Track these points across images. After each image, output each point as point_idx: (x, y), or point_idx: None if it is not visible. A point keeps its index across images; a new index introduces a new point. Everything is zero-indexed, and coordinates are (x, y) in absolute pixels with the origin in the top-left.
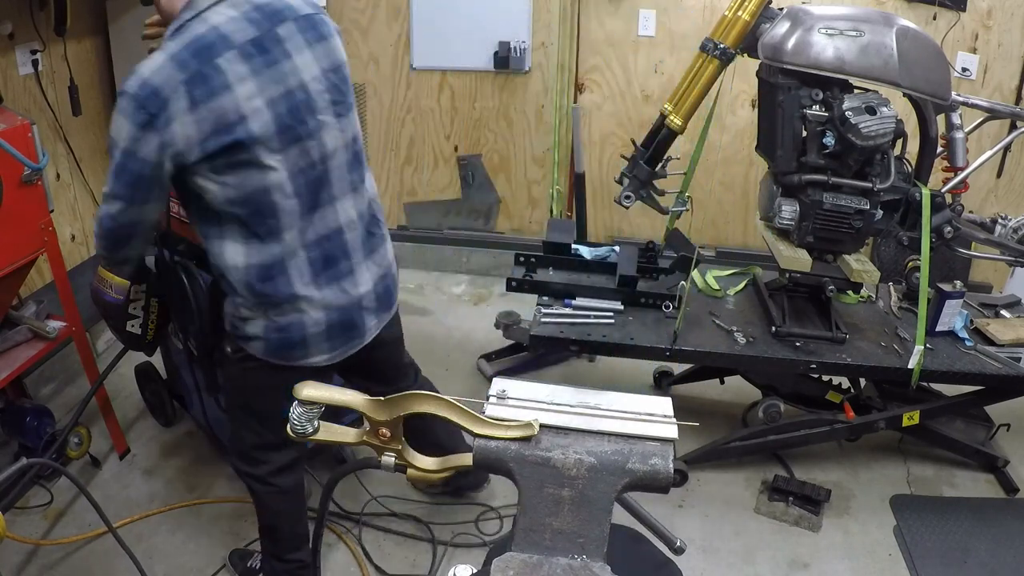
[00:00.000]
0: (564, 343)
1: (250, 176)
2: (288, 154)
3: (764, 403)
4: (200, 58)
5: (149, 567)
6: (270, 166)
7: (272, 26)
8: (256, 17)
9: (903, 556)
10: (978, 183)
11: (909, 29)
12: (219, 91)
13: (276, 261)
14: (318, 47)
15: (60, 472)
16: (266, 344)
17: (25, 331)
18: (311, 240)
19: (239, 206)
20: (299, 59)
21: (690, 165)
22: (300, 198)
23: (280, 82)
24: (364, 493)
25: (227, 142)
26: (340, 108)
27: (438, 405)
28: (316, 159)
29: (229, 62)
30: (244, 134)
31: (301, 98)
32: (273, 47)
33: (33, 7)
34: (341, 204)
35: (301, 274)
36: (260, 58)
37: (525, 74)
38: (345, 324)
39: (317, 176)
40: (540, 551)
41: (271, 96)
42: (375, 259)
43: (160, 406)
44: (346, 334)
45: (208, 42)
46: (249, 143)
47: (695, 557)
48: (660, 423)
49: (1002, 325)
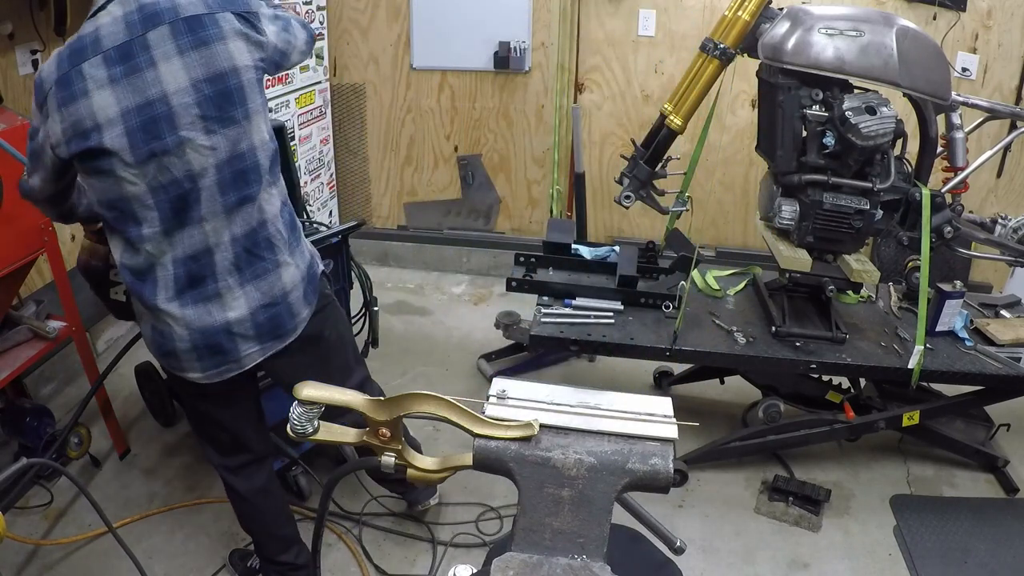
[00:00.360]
0: (564, 343)
1: (109, 185)
2: (145, 169)
3: (764, 403)
4: (72, 60)
5: (149, 567)
6: (126, 179)
7: (144, 31)
8: (134, 20)
9: (903, 556)
10: (978, 183)
11: (909, 29)
12: (78, 96)
13: (143, 268)
14: (193, 54)
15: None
16: (151, 345)
17: (25, 331)
18: (178, 256)
19: (106, 209)
20: (164, 68)
21: (690, 165)
22: (161, 213)
23: (138, 93)
24: (364, 493)
25: (84, 147)
26: (213, 124)
27: (438, 405)
28: (179, 176)
29: (93, 67)
30: (97, 143)
31: (161, 111)
32: (139, 54)
33: (33, 7)
34: (212, 224)
35: (166, 288)
36: (121, 66)
37: (525, 74)
38: (211, 347)
39: (181, 194)
40: (540, 551)
41: (126, 107)
42: (258, 285)
43: (160, 406)
44: (214, 358)
45: (82, 45)
46: (104, 153)
47: (695, 557)
48: (660, 423)
49: (1002, 325)
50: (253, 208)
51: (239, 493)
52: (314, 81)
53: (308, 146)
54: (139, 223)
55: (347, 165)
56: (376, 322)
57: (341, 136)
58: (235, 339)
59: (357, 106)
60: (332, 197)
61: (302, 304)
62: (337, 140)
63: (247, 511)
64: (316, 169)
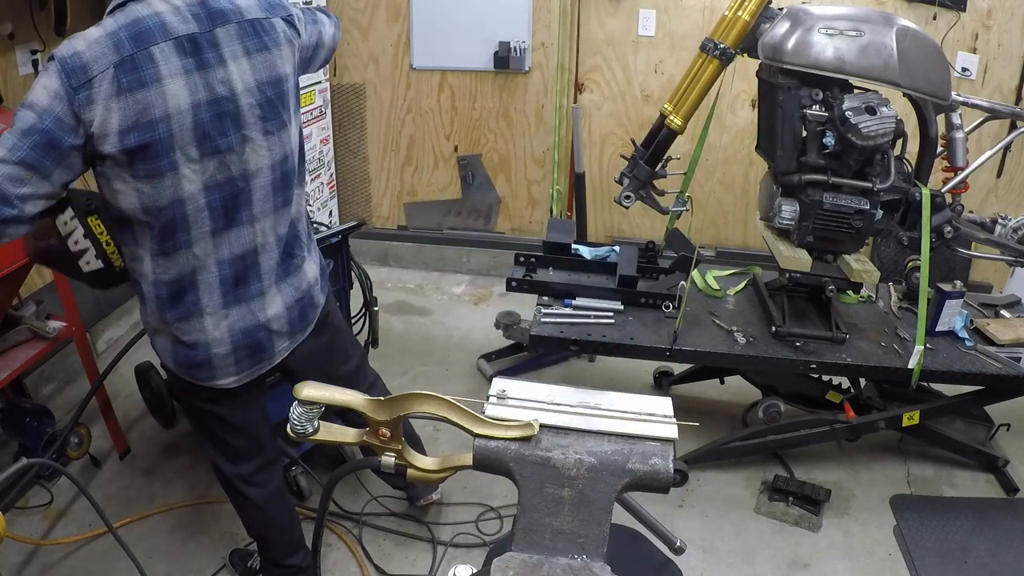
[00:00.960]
0: (564, 343)
1: (164, 184)
2: (205, 165)
3: (764, 403)
4: (137, 42)
5: (149, 567)
6: (185, 175)
7: (212, 27)
8: (198, 13)
9: (903, 556)
10: (978, 183)
11: (909, 29)
12: (149, 82)
13: (185, 275)
14: (257, 57)
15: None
16: (175, 360)
17: (25, 331)
18: (224, 258)
19: (152, 215)
20: (233, 67)
21: (690, 165)
22: (213, 214)
23: (209, 88)
24: (364, 493)
25: (146, 139)
26: (271, 126)
27: (438, 405)
28: (236, 175)
29: (164, 53)
30: (165, 134)
31: (229, 108)
32: (208, 49)
33: (33, 7)
34: (260, 225)
35: (211, 292)
36: (193, 58)
37: (525, 74)
38: (251, 346)
39: (234, 193)
40: (540, 551)
41: (197, 100)
42: (290, 281)
43: (160, 406)
44: (252, 357)
45: (147, 27)
46: (168, 146)
47: (695, 557)
48: (660, 423)
49: (1002, 325)
50: (291, 208)
51: (254, 502)
52: (314, 81)
53: (308, 146)
54: (187, 226)
55: (347, 165)
56: (376, 322)
57: (341, 136)
58: (272, 336)
59: (357, 106)
60: (332, 197)
61: (320, 295)
62: (337, 140)
63: (262, 518)
64: (316, 169)
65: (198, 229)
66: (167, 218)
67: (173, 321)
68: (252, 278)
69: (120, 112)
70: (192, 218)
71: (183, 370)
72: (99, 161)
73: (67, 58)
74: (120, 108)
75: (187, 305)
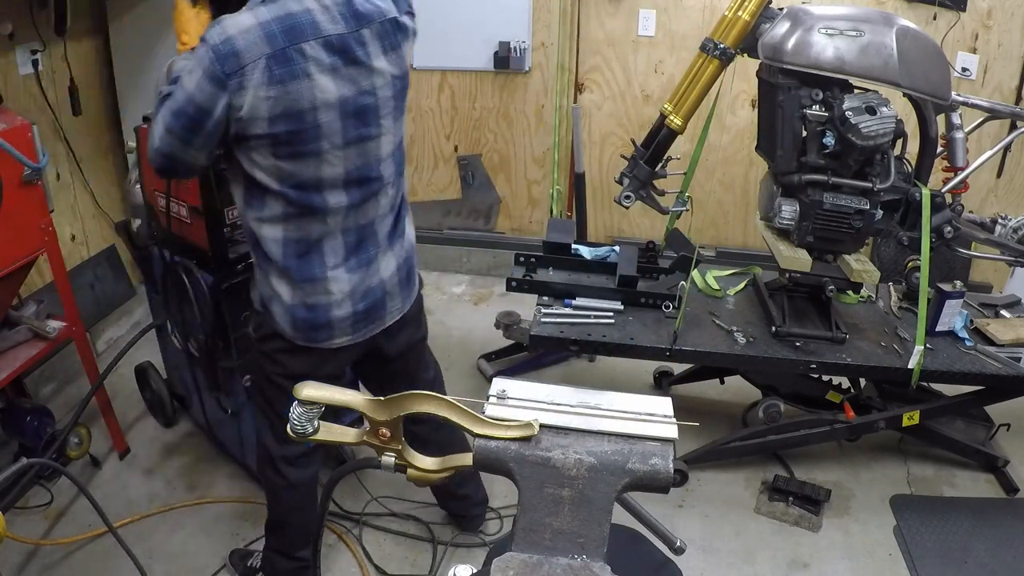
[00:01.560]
0: (564, 343)
1: (307, 165)
2: (348, 152)
3: (764, 403)
4: (290, 36)
5: (149, 567)
6: (328, 160)
7: (359, 27)
8: (346, 14)
9: (903, 556)
10: (978, 183)
11: (909, 29)
12: (299, 76)
13: (313, 241)
14: (392, 55)
15: (60, 472)
16: (292, 321)
17: (25, 331)
18: (350, 227)
19: (289, 187)
20: (376, 64)
21: (690, 165)
22: (349, 193)
23: (354, 83)
24: (364, 493)
25: (294, 128)
26: (397, 113)
27: (438, 405)
28: (372, 160)
29: (314, 50)
30: (312, 124)
31: (370, 102)
32: (356, 48)
33: (33, 7)
34: (382, 199)
35: (334, 254)
36: (341, 56)
37: (525, 74)
38: (368, 306)
39: (368, 176)
40: (540, 551)
41: (344, 95)
42: (398, 244)
43: (160, 406)
44: (368, 316)
45: (300, 23)
46: (315, 135)
47: (695, 557)
48: (660, 423)
49: (1002, 325)
50: (402, 180)
51: (290, 482)
52: None
53: None
54: (324, 201)
55: None
56: None
57: None
58: (386, 297)
59: None
60: None
61: (415, 263)
62: None
63: (292, 502)
64: None
65: (333, 204)
66: (305, 192)
67: (299, 282)
68: (370, 244)
69: (270, 101)
70: (328, 195)
71: (301, 333)
72: (244, 140)
73: (219, 44)
74: (270, 97)
75: (312, 268)
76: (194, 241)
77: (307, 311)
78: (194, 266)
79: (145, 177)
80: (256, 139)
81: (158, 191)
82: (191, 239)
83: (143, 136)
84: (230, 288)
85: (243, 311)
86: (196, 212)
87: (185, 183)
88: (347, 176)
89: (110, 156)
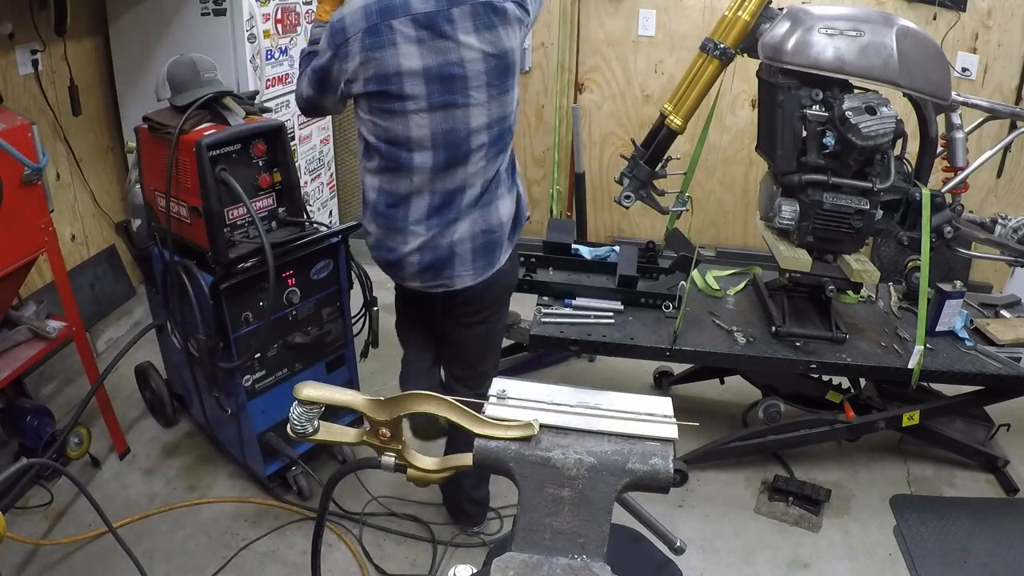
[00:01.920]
0: (564, 343)
1: (395, 123)
2: (434, 116)
3: (764, 403)
4: (382, 14)
5: (149, 567)
6: (414, 120)
7: (449, 6)
8: None
9: (903, 556)
10: (978, 183)
11: (909, 29)
12: (385, 46)
13: (402, 195)
14: (487, 34)
15: (60, 472)
16: (377, 254)
17: (25, 331)
18: (437, 189)
19: (383, 143)
20: (464, 39)
21: (690, 165)
22: (435, 156)
23: (440, 54)
24: (364, 493)
25: (381, 88)
26: (494, 91)
27: (438, 405)
28: (459, 128)
29: (402, 24)
30: (396, 86)
31: (457, 72)
32: (443, 24)
33: (33, 7)
34: (472, 169)
35: (419, 211)
36: (428, 30)
37: (525, 74)
38: (435, 263)
39: (457, 143)
40: (540, 551)
41: (428, 64)
42: (481, 214)
43: (160, 406)
44: (435, 271)
45: (391, 4)
46: (398, 95)
47: (695, 557)
48: (660, 423)
49: (1002, 325)
50: (503, 157)
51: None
52: None
53: (308, 146)
54: (411, 158)
55: (347, 165)
56: (376, 322)
57: (341, 136)
58: (454, 259)
59: None
60: (332, 197)
61: (506, 240)
62: (337, 140)
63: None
64: (316, 169)
65: (420, 163)
66: (395, 148)
67: (383, 225)
68: (452, 208)
69: (363, 65)
70: (416, 154)
71: (382, 264)
72: (352, 97)
73: (335, 23)
74: (363, 62)
75: (397, 219)
76: (194, 241)
77: (386, 251)
78: (194, 266)
79: (145, 177)
80: (359, 96)
81: (158, 191)
82: (191, 239)
83: (143, 136)
84: (230, 288)
85: (243, 311)
86: (196, 212)
87: (185, 183)
88: (433, 139)
89: (110, 156)
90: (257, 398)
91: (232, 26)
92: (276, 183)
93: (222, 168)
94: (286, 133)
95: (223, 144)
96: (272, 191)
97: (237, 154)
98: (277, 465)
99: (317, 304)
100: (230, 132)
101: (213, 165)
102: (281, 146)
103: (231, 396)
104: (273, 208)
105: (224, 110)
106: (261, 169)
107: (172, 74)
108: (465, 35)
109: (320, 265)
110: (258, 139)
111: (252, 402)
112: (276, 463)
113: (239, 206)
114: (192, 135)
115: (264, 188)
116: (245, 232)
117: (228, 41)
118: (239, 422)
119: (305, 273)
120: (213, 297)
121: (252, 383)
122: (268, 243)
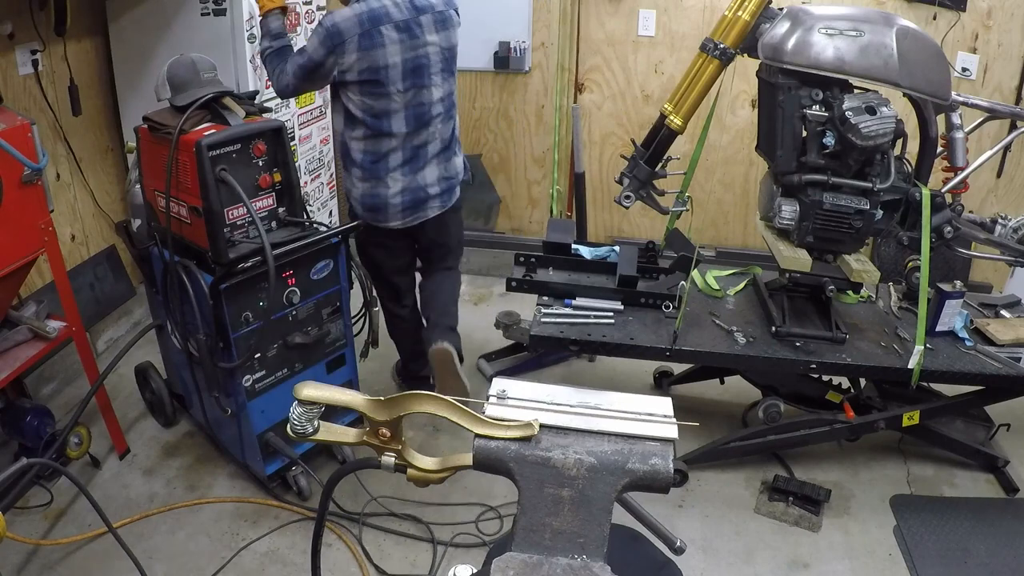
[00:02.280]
0: (564, 343)
1: (380, 100)
2: (407, 94)
3: (764, 403)
4: (372, 22)
5: (149, 567)
6: (394, 99)
7: (418, 15)
8: (408, 6)
9: (903, 556)
10: (978, 183)
11: (909, 29)
12: (377, 46)
13: (382, 152)
14: (442, 34)
15: (60, 472)
16: (363, 206)
17: (25, 331)
18: (408, 145)
19: (370, 116)
20: (429, 38)
21: (690, 165)
22: (407, 122)
23: (414, 50)
24: (364, 493)
25: (373, 77)
26: (446, 74)
27: (438, 405)
28: (424, 101)
29: (388, 29)
30: (384, 76)
31: (424, 62)
32: (415, 28)
33: (33, 7)
34: (431, 130)
35: (396, 162)
36: (405, 32)
37: (525, 74)
38: (414, 202)
39: (422, 112)
40: (540, 551)
41: (405, 57)
42: (444, 165)
43: (160, 406)
44: (413, 208)
45: (378, 14)
46: (385, 81)
47: (695, 557)
48: (660, 423)
49: (1002, 325)
50: (452, 123)
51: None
52: None
53: (308, 146)
54: (391, 126)
55: None
56: (376, 322)
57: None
58: (428, 198)
59: None
60: (332, 197)
61: (459, 184)
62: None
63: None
64: (316, 169)
65: (396, 128)
66: (379, 119)
67: (370, 178)
68: (422, 158)
69: (358, 60)
70: (395, 122)
71: (368, 213)
72: (343, 84)
73: (330, 27)
74: (359, 58)
75: (379, 171)
76: (194, 241)
77: (372, 198)
78: (194, 266)
79: (145, 177)
80: (352, 84)
81: (158, 191)
82: (191, 239)
83: (143, 136)
84: (230, 288)
85: (243, 311)
86: (196, 212)
87: (185, 183)
88: (406, 111)
89: (110, 156)
90: (257, 398)
91: (232, 26)
92: (276, 183)
93: (222, 168)
94: (286, 133)
95: (223, 144)
96: (272, 191)
97: (237, 154)
98: (277, 465)
99: (317, 304)
100: (230, 132)
101: (213, 165)
102: (281, 146)
103: (231, 396)
104: (273, 208)
105: (224, 110)
106: (261, 169)
107: (172, 74)
108: (429, 35)
109: (320, 265)
110: (258, 139)
111: (252, 402)
112: (276, 463)
113: (239, 206)
114: (192, 135)
115: (264, 188)
116: (245, 232)
117: (228, 41)
118: (239, 422)
119: (305, 273)
120: (213, 297)
121: (252, 383)
122: (268, 243)
